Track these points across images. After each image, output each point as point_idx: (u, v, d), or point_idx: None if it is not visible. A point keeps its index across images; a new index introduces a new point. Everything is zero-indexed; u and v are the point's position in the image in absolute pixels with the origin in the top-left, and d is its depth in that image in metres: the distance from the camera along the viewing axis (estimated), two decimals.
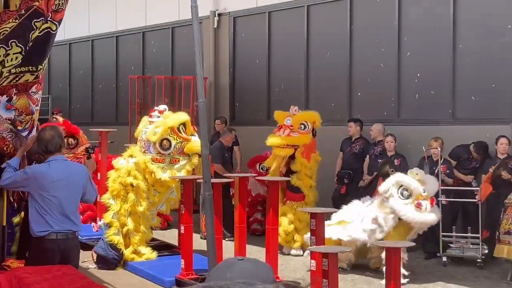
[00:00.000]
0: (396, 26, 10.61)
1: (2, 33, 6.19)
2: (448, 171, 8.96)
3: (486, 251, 8.27)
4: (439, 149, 9.05)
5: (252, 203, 10.26)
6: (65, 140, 8.75)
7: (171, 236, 10.30)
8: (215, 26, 13.43)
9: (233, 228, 8.40)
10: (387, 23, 10.77)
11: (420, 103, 10.62)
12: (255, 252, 8.77)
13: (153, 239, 9.61)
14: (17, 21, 6.28)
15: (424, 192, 7.72)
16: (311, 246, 6.78)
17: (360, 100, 11.20)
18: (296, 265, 8.88)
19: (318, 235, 6.86)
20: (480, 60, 10.08)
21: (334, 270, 6.26)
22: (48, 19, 6.23)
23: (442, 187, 8.77)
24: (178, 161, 8.85)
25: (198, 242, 8.96)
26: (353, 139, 10.30)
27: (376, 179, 9.56)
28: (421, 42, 10.59)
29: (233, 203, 8.97)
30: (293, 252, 9.34)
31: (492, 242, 8.15)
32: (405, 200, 7.77)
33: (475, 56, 10.09)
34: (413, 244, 7.78)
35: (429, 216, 7.70)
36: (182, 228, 8.24)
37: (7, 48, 6.18)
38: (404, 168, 8.85)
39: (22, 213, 6.60)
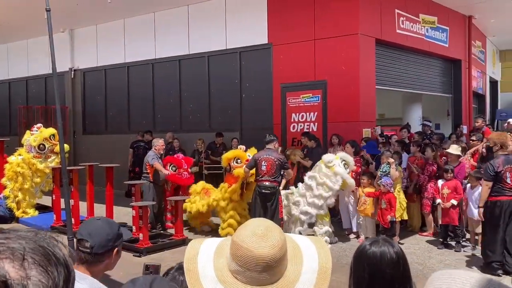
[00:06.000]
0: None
1: None
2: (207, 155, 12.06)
3: None
4: (202, 145, 12.50)
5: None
6: None
7: (47, 201, 11.56)
8: (72, 77, 17.13)
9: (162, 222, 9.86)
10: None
11: (193, 121, 13.99)
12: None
13: (37, 203, 11.41)
14: None
15: (354, 166, 8.99)
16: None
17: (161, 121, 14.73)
18: None
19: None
20: (224, 98, 13.36)
21: (145, 216, 8.39)
22: None
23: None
24: (50, 157, 10.88)
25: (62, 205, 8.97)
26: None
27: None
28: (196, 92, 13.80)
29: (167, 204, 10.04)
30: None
31: None
32: (345, 169, 8.66)
33: (221, 98, 13.39)
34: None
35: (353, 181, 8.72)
36: (54, 196, 10.48)
37: None
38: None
39: None
